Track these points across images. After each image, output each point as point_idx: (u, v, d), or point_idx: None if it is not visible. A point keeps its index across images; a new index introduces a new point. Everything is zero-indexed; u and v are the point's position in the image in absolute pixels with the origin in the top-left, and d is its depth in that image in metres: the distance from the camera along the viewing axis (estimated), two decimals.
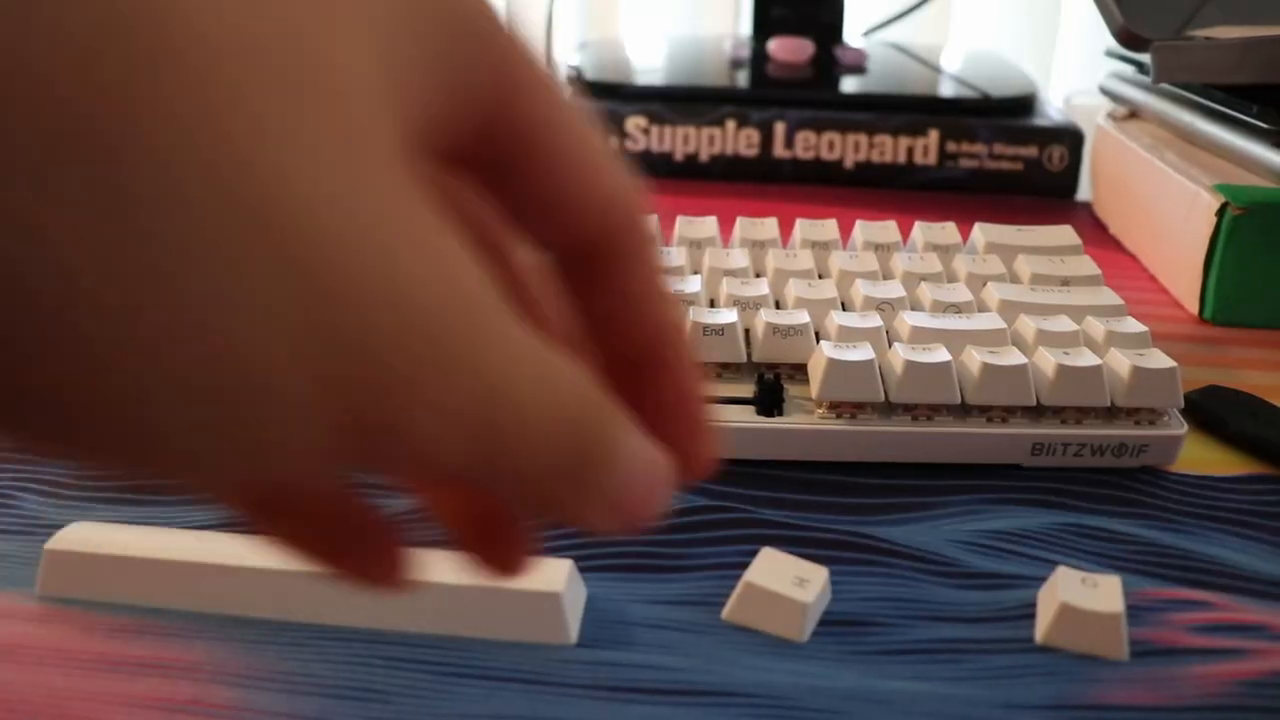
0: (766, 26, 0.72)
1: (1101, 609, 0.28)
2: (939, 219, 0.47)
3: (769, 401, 0.36)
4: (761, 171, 0.65)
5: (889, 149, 0.64)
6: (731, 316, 0.37)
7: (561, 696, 0.26)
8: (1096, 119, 0.64)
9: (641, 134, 0.65)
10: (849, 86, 0.67)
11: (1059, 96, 0.80)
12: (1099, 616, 0.28)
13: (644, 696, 0.26)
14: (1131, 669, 0.27)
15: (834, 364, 0.35)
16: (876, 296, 0.40)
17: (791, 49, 0.71)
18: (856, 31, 0.83)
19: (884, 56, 0.74)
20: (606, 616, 0.29)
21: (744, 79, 0.68)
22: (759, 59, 0.71)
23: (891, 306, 0.39)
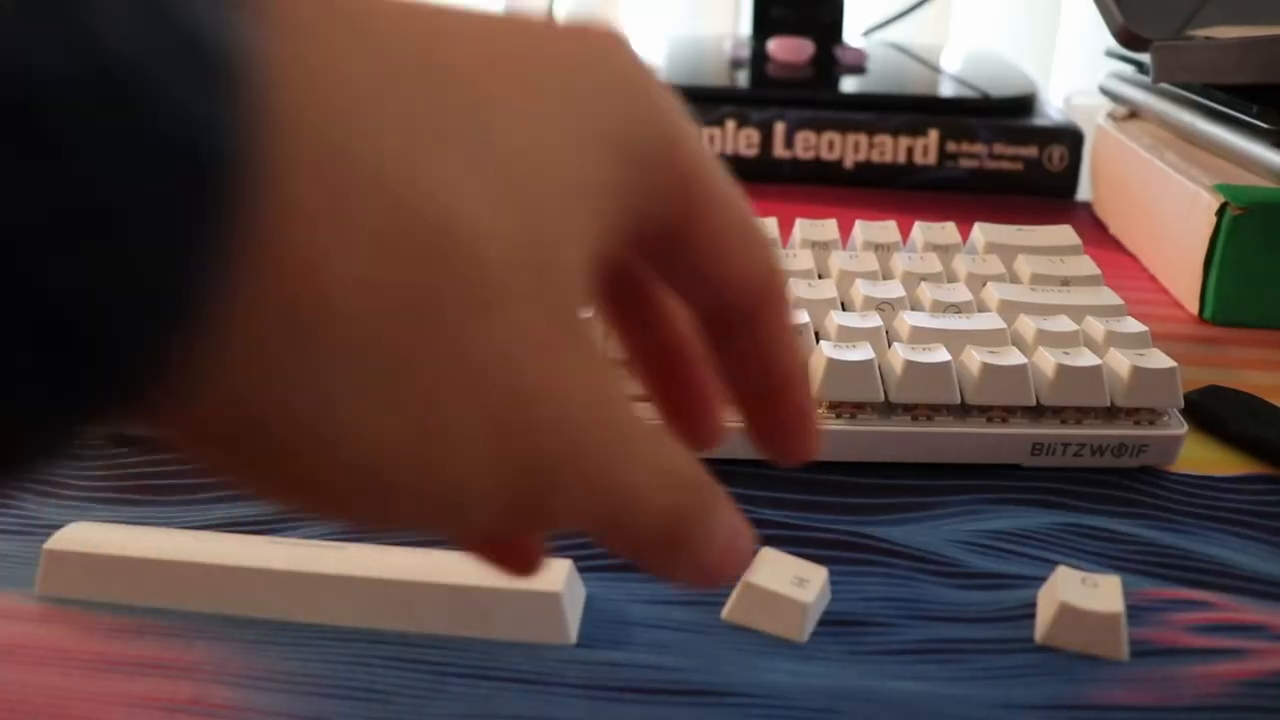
0: (766, 26, 0.72)
1: (1101, 609, 0.28)
2: (939, 219, 0.47)
3: None
4: (761, 171, 0.65)
5: (889, 149, 0.64)
6: None
7: (561, 696, 0.26)
8: (1096, 119, 0.64)
9: None
10: (849, 86, 0.67)
11: (1059, 96, 0.80)
12: (1099, 616, 0.28)
13: (643, 696, 0.26)
14: (1131, 669, 0.27)
15: (834, 364, 0.35)
16: (876, 296, 0.40)
17: (791, 49, 0.70)
18: (856, 31, 0.83)
19: (884, 56, 0.74)
20: (606, 616, 0.29)
21: (744, 79, 0.68)
22: (759, 59, 0.71)
23: (891, 306, 0.39)
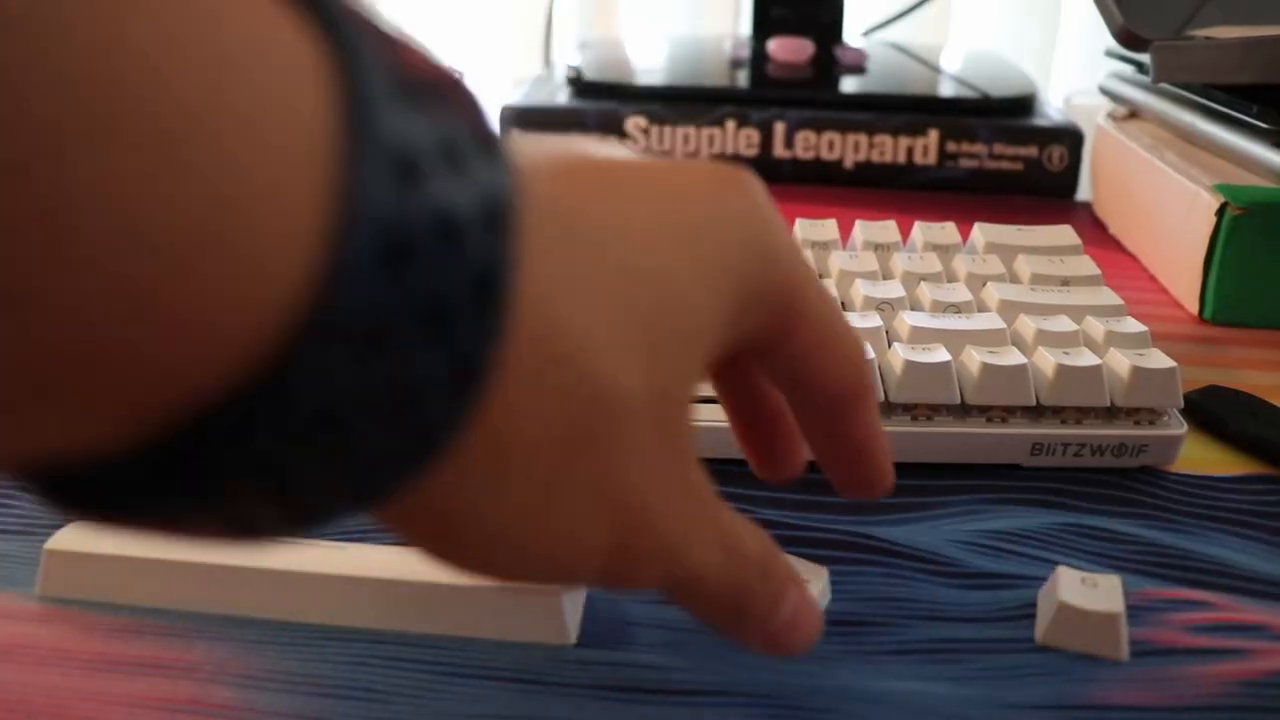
0: (766, 26, 0.72)
1: (1101, 609, 0.28)
2: (939, 219, 0.47)
3: None
4: (761, 171, 0.65)
5: (889, 149, 0.64)
6: None
7: (561, 696, 0.26)
8: (1096, 119, 0.64)
9: (641, 134, 0.65)
10: (849, 86, 0.67)
11: (1059, 96, 0.80)
12: (1099, 616, 0.28)
13: (644, 696, 0.26)
14: (1131, 669, 0.27)
15: None
16: (876, 296, 0.40)
17: (791, 49, 0.70)
18: (856, 31, 0.83)
19: (884, 56, 0.74)
20: (606, 616, 0.29)
21: (744, 79, 0.68)
22: (759, 59, 0.71)
23: (891, 306, 0.39)
